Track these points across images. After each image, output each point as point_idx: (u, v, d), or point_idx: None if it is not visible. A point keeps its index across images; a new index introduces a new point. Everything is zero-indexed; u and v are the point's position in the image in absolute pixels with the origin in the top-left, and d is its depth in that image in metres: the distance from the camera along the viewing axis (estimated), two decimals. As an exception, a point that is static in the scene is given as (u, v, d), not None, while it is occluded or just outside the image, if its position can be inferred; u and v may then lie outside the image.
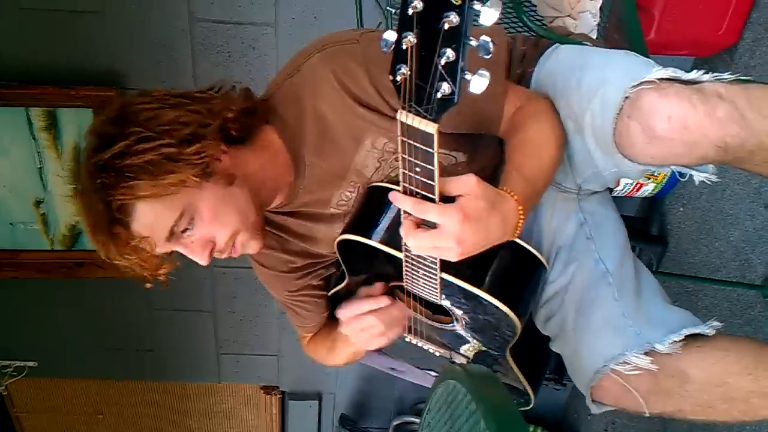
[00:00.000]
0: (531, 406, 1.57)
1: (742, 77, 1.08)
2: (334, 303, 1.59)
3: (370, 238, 1.29)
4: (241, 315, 3.31)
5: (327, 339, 1.62)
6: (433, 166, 0.96)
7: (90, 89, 2.56)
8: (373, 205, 1.14)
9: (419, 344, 1.55)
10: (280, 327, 3.32)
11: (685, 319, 1.29)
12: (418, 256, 1.18)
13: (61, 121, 2.64)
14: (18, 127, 2.63)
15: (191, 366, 3.52)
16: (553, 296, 1.42)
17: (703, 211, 2.30)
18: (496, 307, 1.24)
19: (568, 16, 1.78)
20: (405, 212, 1.06)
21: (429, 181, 0.99)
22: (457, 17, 0.75)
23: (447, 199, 1.03)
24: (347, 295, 1.51)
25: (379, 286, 1.40)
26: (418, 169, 0.98)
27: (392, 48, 0.81)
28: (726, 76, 1.07)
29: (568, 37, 1.60)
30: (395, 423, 3.55)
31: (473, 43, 0.78)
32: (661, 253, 2.51)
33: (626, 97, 1.09)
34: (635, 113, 1.07)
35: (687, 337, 1.24)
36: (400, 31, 0.79)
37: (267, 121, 1.36)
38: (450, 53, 0.78)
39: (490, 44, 0.77)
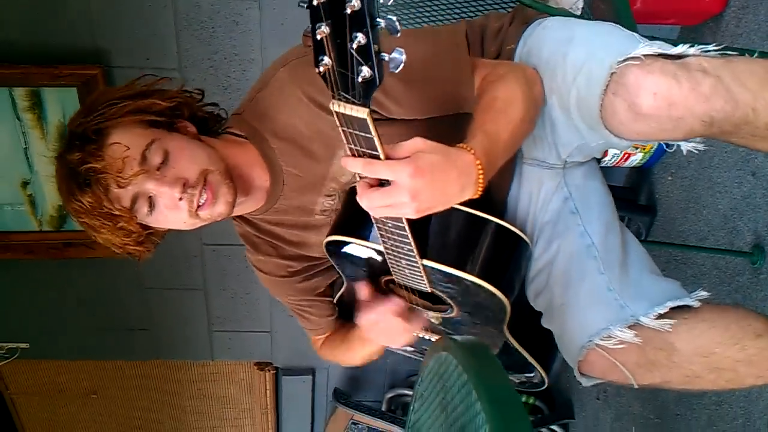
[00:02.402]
0: (545, 385, 1.59)
1: (728, 49, 1.08)
2: (340, 308, 1.64)
3: (353, 237, 1.30)
4: (232, 292, 3.31)
5: (343, 341, 1.65)
6: (377, 150, 0.97)
7: (74, 68, 2.54)
8: (354, 205, 1.15)
9: (427, 336, 1.57)
10: (271, 303, 3.32)
11: (671, 290, 1.29)
12: (396, 246, 1.19)
13: (45, 101, 2.62)
14: (2, 108, 2.61)
15: (184, 344, 3.52)
16: (539, 272, 1.42)
17: (691, 179, 2.31)
18: (480, 286, 1.25)
19: (555, -15, 1.77)
20: (359, 176, 1.05)
21: None
22: (359, 1, 0.76)
23: None
24: (349, 297, 1.54)
25: (365, 288, 1.42)
26: (368, 156, 0.99)
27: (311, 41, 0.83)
28: (711, 48, 1.08)
29: (552, 7, 1.59)
30: (388, 395, 3.57)
31: (382, 24, 0.80)
32: (650, 222, 2.52)
33: (612, 74, 1.08)
34: (620, 90, 1.07)
35: (673, 308, 1.24)
36: (313, 23, 0.80)
37: (232, 131, 1.41)
38: (361, 37, 0.79)
39: (396, 23, 0.80)
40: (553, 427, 3.24)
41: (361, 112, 0.89)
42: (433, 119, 1.31)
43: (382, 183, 1.02)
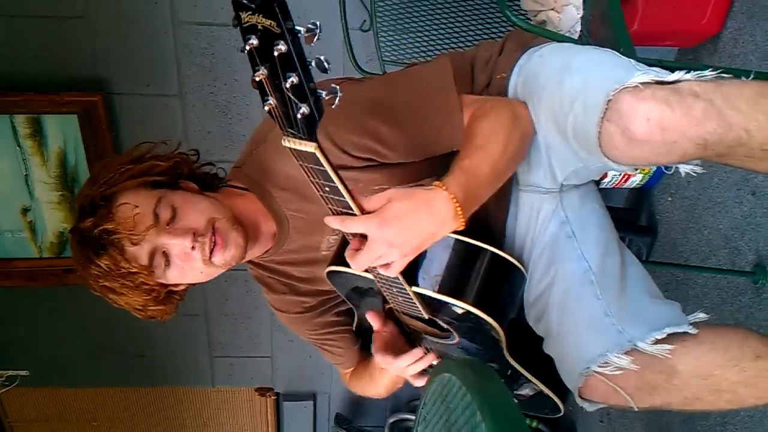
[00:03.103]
0: (562, 413, 1.58)
1: (723, 73, 1.09)
2: (360, 335, 1.65)
3: (349, 267, 1.31)
4: (233, 317, 3.30)
5: (365, 372, 1.66)
6: (334, 182, 1.00)
7: (74, 95, 2.55)
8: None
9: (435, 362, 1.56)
10: (272, 328, 3.31)
11: (670, 315, 1.29)
12: (383, 276, 1.20)
13: (46, 128, 2.63)
14: (2, 135, 2.62)
15: (185, 370, 3.51)
16: (539, 297, 1.42)
17: (691, 200, 2.31)
18: (467, 311, 1.25)
19: (552, 9, 1.78)
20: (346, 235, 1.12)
21: (341, 198, 1.04)
22: (284, 44, 0.79)
23: None
24: (361, 326, 1.56)
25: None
26: (327, 189, 1.03)
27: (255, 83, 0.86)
28: (708, 73, 1.09)
29: (549, 31, 1.60)
30: (391, 420, 3.55)
31: (313, 63, 0.83)
32: (651, 243, 2.52)
33: (608, 101, 1.09)
34: (614, 117, 1.09)
35: (673, 342, 1.23)
36: (253, 67, 0.83)
37: (233, 185, 1.44)
38: (294, 77, 0.82)
39: (324, 62, 0.83)
40: (557, 450, 3.22)
41: (309, 147, 0.93)
42: (430, 160, 1.34)
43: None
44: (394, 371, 1.46)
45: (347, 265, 1.30)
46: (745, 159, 1.08)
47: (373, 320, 1.43)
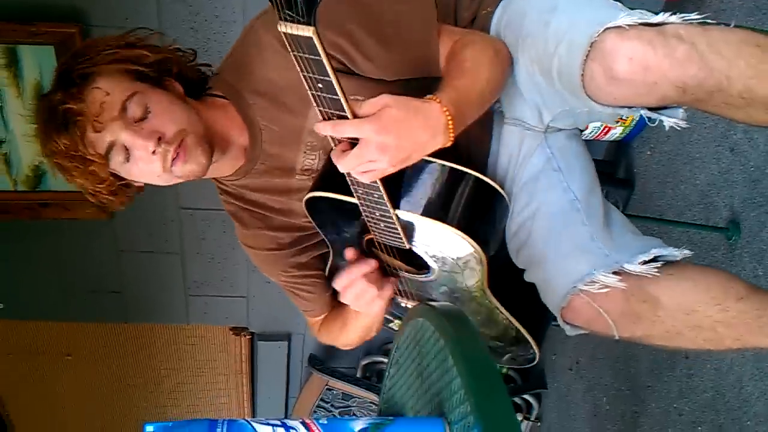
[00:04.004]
0: (536, 360, 1.61)
1: (708, 21, 1.09)
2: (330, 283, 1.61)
3: (331, 192, 1.30)
4: (209, 257, 3.30)
5: (338, 319, 1.64)
6: (329, 76, 0.99)
7: (51, 25, 2.49)
8: (332, 163, 1.17)
9: (410, 305, 1.57)
10: (248, 268, 3.31)
11: (654, 243, 1.31)
12: (367, 194, 1.20)
13: (21, 59, 2.57)
14: (-23, 65, 2.55)
15: (159, 308, 3.52)
16: (520, 227, 1.43)
17: (669, 154, 2.32)
18: (453, 235, 1.25)
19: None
20: (332, 140, 1.12)
21: (334, 96, 1.02)
22: None
23: None
24: (333, 272, 1.54)
25: (350, 251, 1.41)
26: (320, 86, 1.01)
27: None
28: (694, 16, 1.09)
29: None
30: (363, 362, 3.59)
31: None
32: (628, 195, 2.54)
33: (592, 42, 1.10)
34: (598, 56, 1.10)
35: (660, 264, 1.25)
36: None
37: (213, 92, 1.41)
38: None
39: None
40: (526, 396, 3.29)
41: (307, 31, 0.91)
42: (401, 81, 1.33)
43: (354, 144, 1.08)
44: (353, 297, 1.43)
45: (328, 190, 1.30)
46: (723, 106, 1.09)
47: (349, 253, 1.41)
